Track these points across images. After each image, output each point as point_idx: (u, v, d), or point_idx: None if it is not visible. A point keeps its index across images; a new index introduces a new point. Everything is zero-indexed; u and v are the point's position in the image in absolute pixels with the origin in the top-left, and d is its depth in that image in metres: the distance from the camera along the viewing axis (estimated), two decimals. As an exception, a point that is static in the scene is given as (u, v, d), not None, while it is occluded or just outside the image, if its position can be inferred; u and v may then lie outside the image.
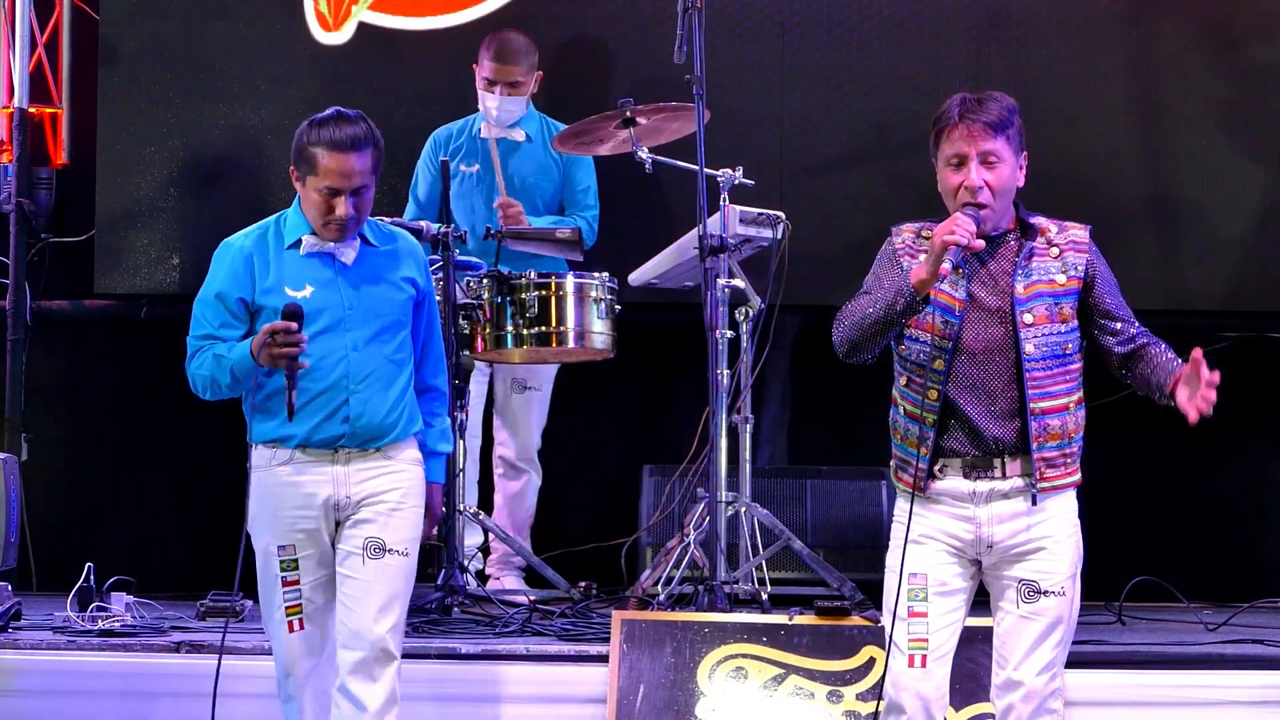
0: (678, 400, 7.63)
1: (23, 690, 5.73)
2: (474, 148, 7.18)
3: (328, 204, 4.87)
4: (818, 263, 7.32)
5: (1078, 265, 4.70)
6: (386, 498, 4.92)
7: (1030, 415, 4.63)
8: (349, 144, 4.85)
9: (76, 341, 7.96)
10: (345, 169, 4.85)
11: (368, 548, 4.88)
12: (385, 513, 4.91)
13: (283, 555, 4.90)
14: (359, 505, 4.91)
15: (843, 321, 4.71)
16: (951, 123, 4.67)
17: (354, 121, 4.90)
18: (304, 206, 4.96)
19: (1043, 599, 4.65)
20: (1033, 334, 4.64)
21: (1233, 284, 7.74)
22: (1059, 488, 4.67)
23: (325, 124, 4.89)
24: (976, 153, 4.63)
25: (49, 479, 7.87)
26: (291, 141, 4.96)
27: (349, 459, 4.91)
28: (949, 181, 4.68)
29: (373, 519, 4.90)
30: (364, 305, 4.94)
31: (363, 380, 4.90)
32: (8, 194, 7.62)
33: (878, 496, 7.09)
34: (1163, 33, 7.72)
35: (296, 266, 4.94)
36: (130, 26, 7.74)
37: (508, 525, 7.11)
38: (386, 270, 5.00)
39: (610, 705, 5.54)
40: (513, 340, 6.54)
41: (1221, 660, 5.83)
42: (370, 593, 4.86)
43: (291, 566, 4.90)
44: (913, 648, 4.65)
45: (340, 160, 4.84)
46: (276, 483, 4.90)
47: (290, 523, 4.90)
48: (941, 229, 4.56)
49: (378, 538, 4.88)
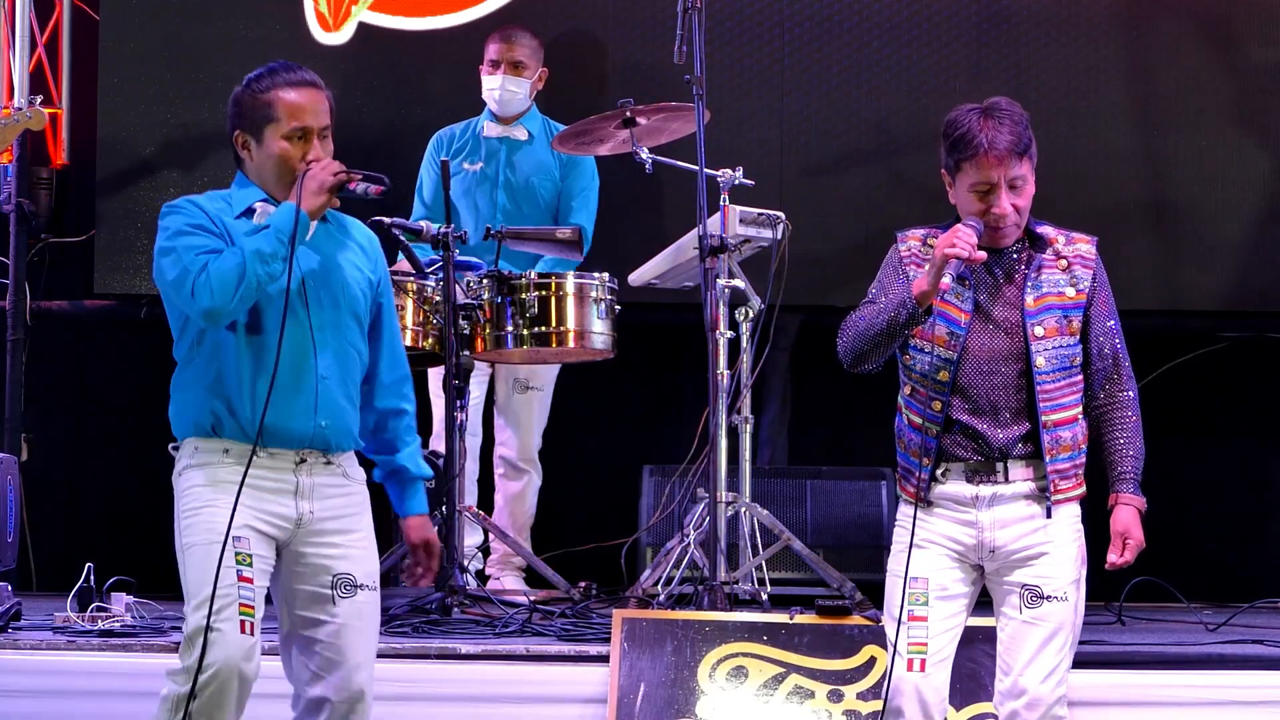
0: (678, 400, 7.64)
1: (23, 690, 5.73)
2: (477, 146, 7.19)
3: (300, 151, 4.40)
4: (818, 263, 7.33)
5: (1084, 280, 4.68)
6: (346, 521, 4.47)
7: (1043, 428, 4.62)
8: (309, 82, 4.44)
9: (76, 341, 7.96)
10: (314, 104, 4.42)
11: (338, 585, 4.43)
12: (350, 543, 4.47)
13: (239, 547, 4.35)
14: (317, 531, 4.44)
15: (846, 332, 4.70)
16: (979, 152, 4.57)
17: (302, 68, 4.49)
18: (262, 171, 4.45)
19: (1045, 604, 4.64)
20: (1044, 346, 4.62)
21: (1231, 284, 7.75)
22: (1071, 499, 4.68)
23: (273, 72, 4.45)
24: (1005, 179, 4.59)
25: (49, 479, 7.87)
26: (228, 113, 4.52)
27: (312, 470, 4.44)
28: (972, 206, 4.62)
29: (336, 552, 4.45)
30: (326, 283, 4.45)
31: (328, 369, 4.42)
32: (8, 194, 7.62)
33: (878, 496, 7.09)
34: (1163, 32, 7.72)
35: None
36: (130, 26, 7.74)
37: (508, 525, 7.11)
38: (344, 250, 4.51)
39: (610, 705, 5.54)
40: (513, 340, 6.54)
41: (1221, 660, 5.83)
42: (351, 638, 4.44)
43: (247, 561, 4.36)
44: (912, 651, 4.64)
45: (306, 95, 4.41)
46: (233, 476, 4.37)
47: (250, 517, 4.37)
48: (943, 241, 4.53)
49: (348, 574, 4.44)
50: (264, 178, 4.48)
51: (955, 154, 4.63)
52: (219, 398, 4.43)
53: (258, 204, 4.47)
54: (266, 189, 4.48)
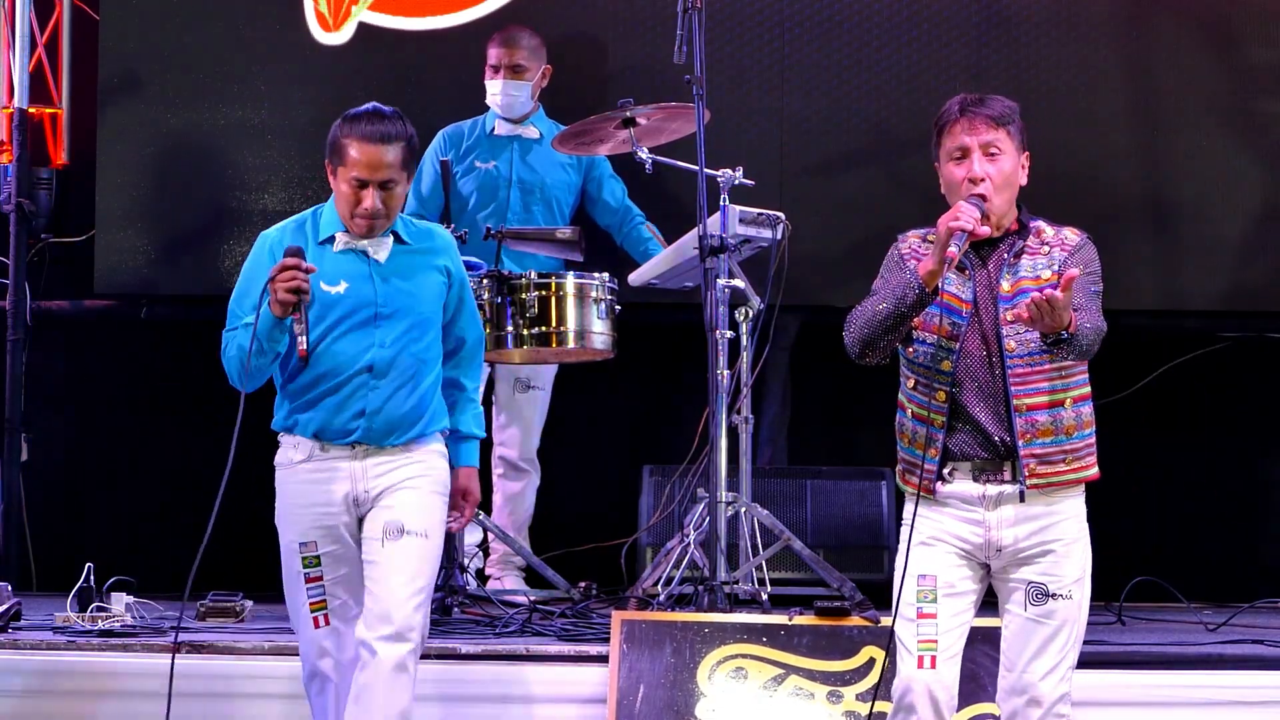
0: (678, 400, 7.63)
1: (23, 690, 5.73)
2: (488, 144, 7.18)
3: (355, 195, 4.92)
4: (818, 263, 7.33)
5: (1059, 261, 4.69)
6: (406, 484, 4.96)
7: (1015, 412, 4.63)
8: (378, 136, 4.91)
9: (76, 341, 7.96)
10: (373, 160, 4.89)
11: (388, 531, 4.91)
12: (404, 498, 4.95)
13: (304, 552, 4.95)
14: (378, 497, 4.95)
15: (853, 323, 4.72)
16: (953, 118, 4.71)
17: (387, 117, 4.97)
18: (336, 200, 5.01)
19: (1051, 602, 4.65)
20: (1014, 330, 4.63)
21: (1231, 284, 7.74)
22: (1056, 485, 4.67)
23: (359, 118, 4.96)
24: (978, 144, 4.66)
25: (49, 479, 7.87)
26: (326, 141, 5.01)
27: (366, 454, 4.95)
28: (952, 175, 4.69)
29: (391, 505, 4.94)
30: (395, 301, 4.97)
31: (386, 375, 4.94)
32: (8, 194, 7.61)
33: (878, 496, 7.09)
34: (1163, 33, 7.71)
35: (331, 262, 4.97)
36: (130, 26, 7.73)
37: (508, 525, 7.11)
38: (420, 266, 5.04)
39: (610, 705, 5.54)
40: (513, 340, 6.53)
41: (1221, 660, 5.83)
42: (391, 573, 4.88)
43: (314, 563, 4.95)
44: (922, 649, 4.65)
45: (368, 151, 4.89)
46: (297, 480, 4.97)
47: (311, 519, 4.95)
48: (946, 217, 4.57)
49: (396, 520, 4.92)
50: (338, 206, 5.01)
51: (936, 132, 4.74)
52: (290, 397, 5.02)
53: (339, 234, 5.01)
54: (339, 216, 5.02)
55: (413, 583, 4.90)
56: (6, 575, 6.98)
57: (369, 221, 4.95)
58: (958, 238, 4.54)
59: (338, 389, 4.93)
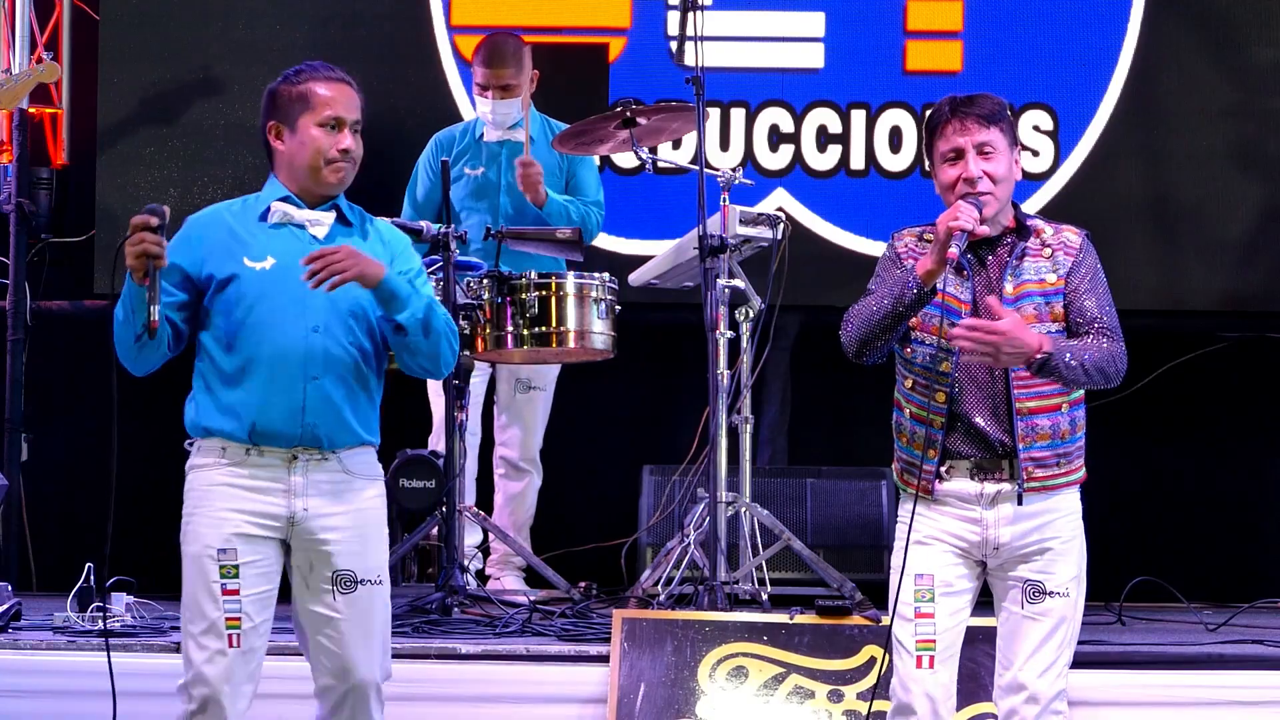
0: (678, 400, 7.63)
1: (23, 690, 5.73)
2: (478, 151, 7.16)
3: (331, 139, 4.52)
4: (818, 263, 7.33)
5: (1064, 265, 4.69)
6: (349, 522, 4.52)
7: (1017, 415, 4.63)
8: (343, 79, 4.59)
9: (76, 341, 7.95)
10: (347, 97, 4.55)
11: (338, 582, 4.50)
12: (349, 540, 4.52)
13: (223, 560, 4.45)
14: (317, 529, 4.50)
15: (850, 321, 4.71)
16: (944, 119, 4.68)
17: (336, 67, 4.63)
18: (293, 159, 4.57)
19: (1047, 600, 4.65)
20: None
21: (1232, 284, 7.75)
22: (1050, 488, 4.66)
23: (313, 67, 4.60)
24: (972, 144, 4.64)
25: (49, 479, 7.87)
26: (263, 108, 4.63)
27: (305, 469, 4.49)
28: (946, 177, 4.68)
29: (337, 549, 4.51)
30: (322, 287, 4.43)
31: (324, 370, 4.48)
32: (8, 194, 7.62)
33: (878, 496, 7.09)
34: (1163, 33, 7.72)
35: (264, 237, 4.54)
36: (130, 26, 7.74)
37: (508, 525, 7.10)
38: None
39: (610, 705, 5.54)
40: (513, 340, 6.53)
41: (1221, 660, 5.83)
42: (352, 633, 4.52)
43: (232, 573, 4.45)
44: (921, 648, 4.65)
45: (341, 89, 4.56)
46: (222, 481, 4.50)
47: (234, 525, 4.47)
48: (945, 217, 4.56)
49: (347, 570, 4.50)
50: (294, 166, 4.57)
51: (929, 134, 4.72)
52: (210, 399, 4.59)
53: (274, 204, 4.58)
54: (295, 179, 4.58)
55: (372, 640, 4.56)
56: (6, 575, 6.98)
57: (347, 167, 4.55)
58: (958, 237, 4.54)
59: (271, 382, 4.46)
